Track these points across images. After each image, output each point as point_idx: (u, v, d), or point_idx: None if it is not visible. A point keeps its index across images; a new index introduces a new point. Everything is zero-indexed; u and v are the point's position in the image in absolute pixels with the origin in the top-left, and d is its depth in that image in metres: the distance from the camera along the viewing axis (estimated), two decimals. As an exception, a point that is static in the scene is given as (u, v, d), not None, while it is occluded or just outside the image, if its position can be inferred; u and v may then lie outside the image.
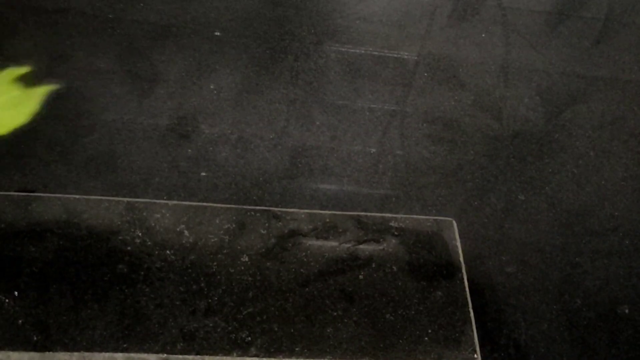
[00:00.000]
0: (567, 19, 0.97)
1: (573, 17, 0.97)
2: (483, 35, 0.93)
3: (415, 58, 0.89)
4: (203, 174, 0.69)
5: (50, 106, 0.78)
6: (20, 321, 0.54)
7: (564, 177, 0.79)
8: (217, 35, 0.87)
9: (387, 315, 0.55)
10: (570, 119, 0.85)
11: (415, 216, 0.64)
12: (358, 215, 0.63)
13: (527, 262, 0.71)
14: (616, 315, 0.67)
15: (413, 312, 0.56)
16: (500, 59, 0.92)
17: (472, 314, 0.57)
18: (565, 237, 0.74)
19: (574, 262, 0.71)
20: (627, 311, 0.68)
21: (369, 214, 0.63)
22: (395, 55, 0.89)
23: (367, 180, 0.76)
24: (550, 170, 0.80)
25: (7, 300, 0.55)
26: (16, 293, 0.56)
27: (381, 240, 0.62)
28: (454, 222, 0.64)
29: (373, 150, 0.79)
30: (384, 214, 0.64)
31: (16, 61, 0.81)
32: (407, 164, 0.78)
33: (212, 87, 0.82)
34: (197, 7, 0.90)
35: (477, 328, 0.56)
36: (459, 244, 0.63)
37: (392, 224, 0.64)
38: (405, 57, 0.89)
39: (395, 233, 0.62)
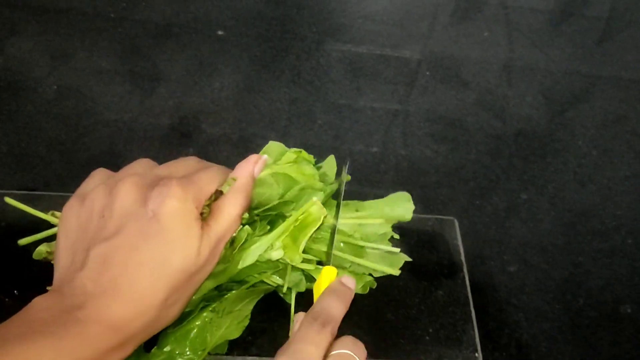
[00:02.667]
0: (570, 18, 0.97)
1: (576, 16, 0.97)
2: (485, 33, 0.93)
3: (417, 57, 0.89)
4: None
5: (51, 106, 0.79)
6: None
7: (567, 176, 0.79)
8: (219, 35, 0.87)
9: (388, 315, 0.55)
10: (573, 118, 0.85)
11: (417, 215, 0.64)
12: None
13: (529, 261, 0.70)
14: (619, 314, 0.67)
15: (414, 312, 0.56)
16: (503, 58, 0.91)
17: (473, 314, 0.56)
18: (567, 236, 0.73)
19: (576, 262, 0.71)
20: (629, 310, 0.67)
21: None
22: (397, 54, 0.89)
23: (369, 179, 0.76)
24: (552, 169, 0.79)
25: (7, 299, 0.55)
26: (16, 292, 0.56)
27: (382, 238, 0.61)
28: (456, 221, 0.64)
29: (375, 149, 0.79)
30: None
31: (18, 61, 0.81)
32: (409, 163, 0.78)
33: (213, 86, 0.82)
34: (199, 6, 0.90)
35: (478, 327, 0.55)
36: (460, 243, 0.62)
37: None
38: (407, 56, 0.89)
39: (396, 231, 0.62)
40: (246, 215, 0.49)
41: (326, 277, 0.48)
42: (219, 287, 0.51)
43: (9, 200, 0.56)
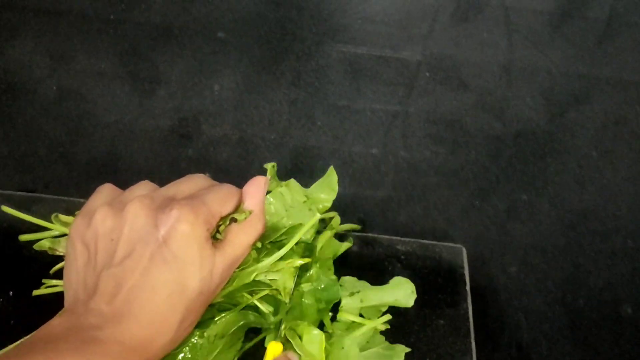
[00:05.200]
0: (570, 19, 0.97)
1: (576, 17, 0.97)
2: (485, 35, 0.93)
3: (417, 58, 0.89)
4: (204, 174, 0.68)
5: (51, 107, 0.79)
6: (12, 321, 0.54)
7: (567, 177, 0.79)
8: (219, 36, 0.87)
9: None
10: (573, 119, 0.85)
11: (423, 240, 0.63)
12: (365, 236, 0.63)
13: (529, 262, 0.70)
14: (619, 315, 0.67)
15: (412, 339, 0.55)
16: (503, 59, 0.91)
17: (473, 345, 0.55)
18: (567, 238, 0.73)
19: (576, 263, 0.71)
20: (630, 311, 0.67)
21: (376, 235, 0.62)
22: (397, 56, 0.89)
23: (368, 180, 0.76)
24: (552, 170, 0.79)
25: (1, 300, 0.55)
26: (11, 293, 0.56)
27: (386, 263, 0.61)
28: (464, 249, 0.62)
29: (374, 150, 0.79)
30: (390, 237, 0.63)
31: (18, 63, 0.81)
32: (408, 165, 0.78)
33: (213, 87, 0.82)
34: (199, 8, 0.90)
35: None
36: (467, 272, 0.61)
37: (399, 247, 0.63)
38: (407, 57, 0.89)
39: (402, 257, 0.61)
40: (259, 244, 0.50)
41: (271, 352, 0.48)
42: (212, 307, 0.50)
43: (5, 208, 0.56)
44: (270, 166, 0.54)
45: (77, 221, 0.46)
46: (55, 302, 0.44)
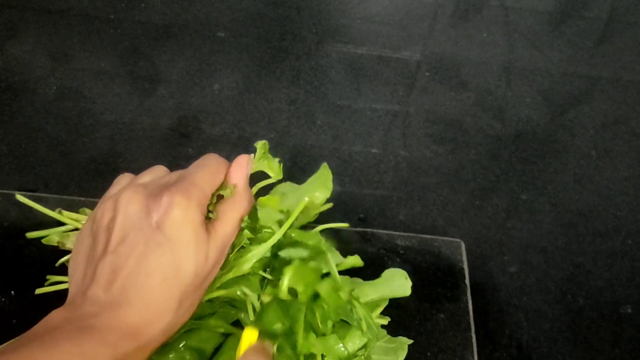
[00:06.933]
0: (570, 19, 0.97)
1: (575, 17, 0.97)
2: (485, 35, 0.93)
3: (417, 58, 0.89)
4: None
5: (51, 106, 0.79)
6: (14, 321, 0.54)
7: (567, 177, 0.79)
8: (218, 35, 0.87)
9: (386, 336, 0.54)
10: (572, 119, 0.85)
11: (422, 235, 0.63)
12: (364, 231, 0.63)
13: (529, 261, 0.70)
14: (619, 315, 0.67)
15: (413, 334, 0.55)
16: (503, 59, 0.91)
17: (474, 339, 0.55)
18: (567, 237, 0.73)
19: (576, 262, 0.71)
20: (630, 311, 0.67)
21: (375, 230, 0.62)
22: (397, 55, 0.89)
23: (368, 180, 0.76)
24: (552, 170, 0.79)
25: (3, 299, 0.55)
26: (13, 292, 0.56)
27: (386, 258, 0.61)
28: (463, 243, 0.63)
29: (374, 150, 0.79)
30: (390, 232, 0.63)
31: (19, 61, 0.81)
32: (408, 164, 0.78)
33: (213, 86, 0.82)
34: (199, 7, 0.90)
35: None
36: (466, 266, 0.61)
37: (398, 242, 0.63)
38: (407, 57, 0.89)
39: (401, 252, 0.61)
40: (245, 219, 0.49)
41: (247, 339, 0.47)
42: (211, 302, 0.50)
43: (19, 197, 0.56)
44: (260, 145, 0.54)
45: (89, 216, 0.46)
46: (58, 302, 0.44)
